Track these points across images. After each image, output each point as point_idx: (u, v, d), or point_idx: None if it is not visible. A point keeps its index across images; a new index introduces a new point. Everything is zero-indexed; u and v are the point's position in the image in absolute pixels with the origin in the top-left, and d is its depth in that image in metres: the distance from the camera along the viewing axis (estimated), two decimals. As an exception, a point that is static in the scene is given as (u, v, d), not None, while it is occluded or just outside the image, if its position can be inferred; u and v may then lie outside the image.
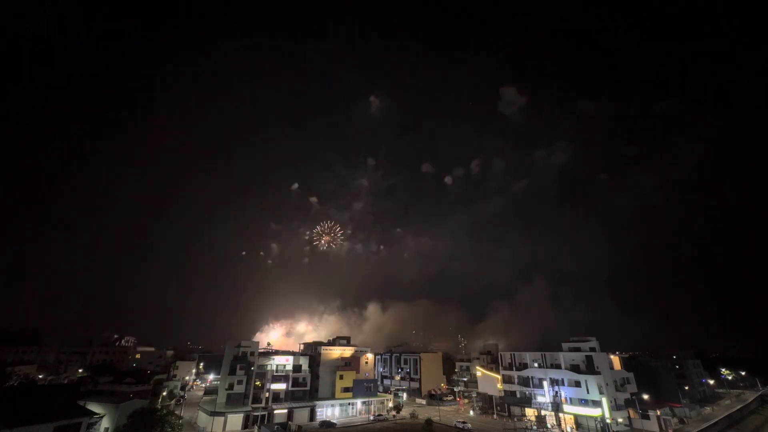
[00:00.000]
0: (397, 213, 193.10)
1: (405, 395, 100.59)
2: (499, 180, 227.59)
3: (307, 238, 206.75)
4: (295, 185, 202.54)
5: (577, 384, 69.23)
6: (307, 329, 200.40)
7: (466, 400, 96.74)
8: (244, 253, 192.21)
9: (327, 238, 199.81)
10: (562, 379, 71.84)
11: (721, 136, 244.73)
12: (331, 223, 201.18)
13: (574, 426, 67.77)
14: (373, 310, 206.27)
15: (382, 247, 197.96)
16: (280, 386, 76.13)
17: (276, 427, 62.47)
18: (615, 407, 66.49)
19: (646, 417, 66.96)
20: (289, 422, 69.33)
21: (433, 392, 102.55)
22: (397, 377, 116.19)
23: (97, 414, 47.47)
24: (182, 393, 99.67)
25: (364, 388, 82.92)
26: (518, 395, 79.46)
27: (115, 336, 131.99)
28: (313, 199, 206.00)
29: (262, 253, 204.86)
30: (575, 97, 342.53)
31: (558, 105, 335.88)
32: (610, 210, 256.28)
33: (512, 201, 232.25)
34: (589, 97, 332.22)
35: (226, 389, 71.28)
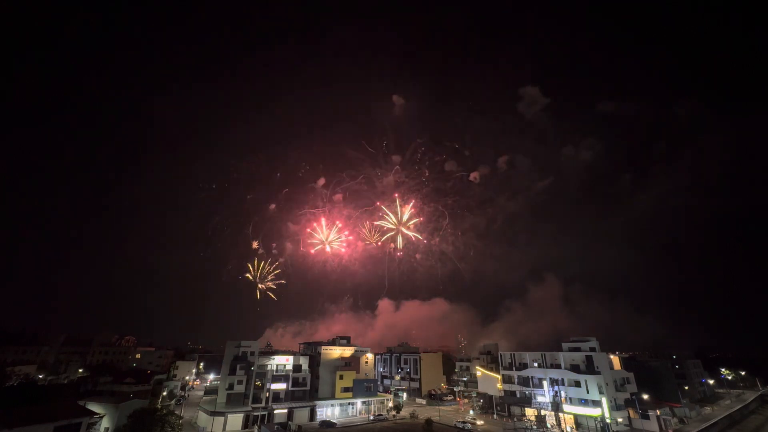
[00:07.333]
0: (418, 214, 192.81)
1: (405, 395, 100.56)
2: (525, 178, 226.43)
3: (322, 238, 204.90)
4: (321, 182, 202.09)
5: (577, 384, 69.25)
6: (318, 328, 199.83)
7: (466, 400, 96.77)
8: (261, 251, 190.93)
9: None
10: (562, 379, 71.86)
11: (745, 138, 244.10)
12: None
13: (574, 426, 67.78)
14: (384, 308, 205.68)
15: (393, 245, 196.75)
16: (280, 386, 76.16)
17: (276, 427, 62.45)
18: (615, 407, 66.52)
19: (646, 417, 66.98)
20: (289, 422, 69.36)
21: (433, 392, 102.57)
22: (397, 377, 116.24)
23: (97, 414, 47.49)
24: (183, 393, 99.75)
25: (364, 388, 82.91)
26: (518, 395, 79.47)
27: (115, 336, 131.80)
28: (337, 197, 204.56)
29: (275, 251, 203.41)
30: (601, 96, 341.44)
31: (583, 104, 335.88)
32: (629, 210, 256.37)
33: (533, 200, 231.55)
34: (618, 94, 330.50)
35: (226, 389, 71.33)
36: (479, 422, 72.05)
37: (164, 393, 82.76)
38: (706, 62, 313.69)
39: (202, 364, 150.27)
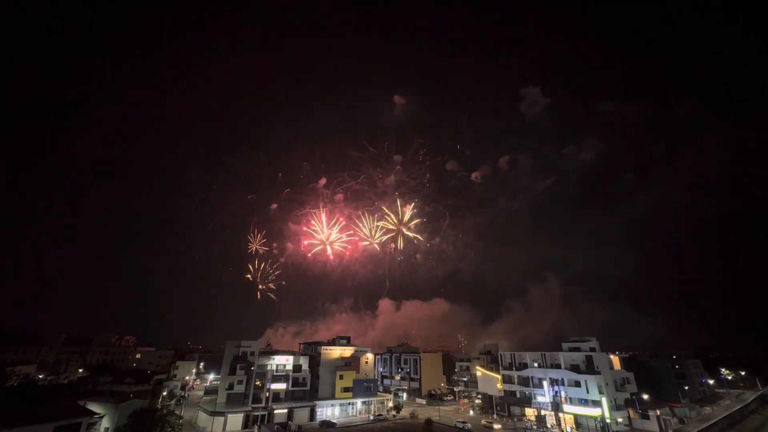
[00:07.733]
0: (419, 214, 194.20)
1: (405, 395, 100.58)
2: (525, 178, 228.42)
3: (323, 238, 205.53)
4: (322, 182, 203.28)
5: (577, 384, 69.23)
6: (319, 328, 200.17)
7: (466, 400, 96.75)
8: (262, 252, 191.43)
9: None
10: (562, 379, 71.84)
11: (745, 138, 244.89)
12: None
13: (574, 426, 67.77)
14: (385, 308, 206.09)
15: (393, 246, 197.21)
16: (280, 386, 76.16)
17: (276, 426, 62.44)
18: (615, 407, 66.52)
19: (646, 417, 66.98)
20: (289, 422, 69.36)
21: (433, 392, 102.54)
22: (397, 377, 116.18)
23: (97, 414, 47.45)
24: (183, 393, 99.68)
25: (364, 388, 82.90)
26: (518, 395, 79.45)
27: (115, 336, 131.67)
28: (338, 197, 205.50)
29: (276, 251, 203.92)
30: (602, 96, 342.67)
31: (584, 104, 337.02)
32: (629, 210, 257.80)
33: (534, 201, 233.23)
34: (618, 94, 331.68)
35: (226, 389, 71.33)
36: (496, 426, 68.11)
37: (164, 393, 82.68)
38: (706, 62, 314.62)
39: (202, 364, 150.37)
